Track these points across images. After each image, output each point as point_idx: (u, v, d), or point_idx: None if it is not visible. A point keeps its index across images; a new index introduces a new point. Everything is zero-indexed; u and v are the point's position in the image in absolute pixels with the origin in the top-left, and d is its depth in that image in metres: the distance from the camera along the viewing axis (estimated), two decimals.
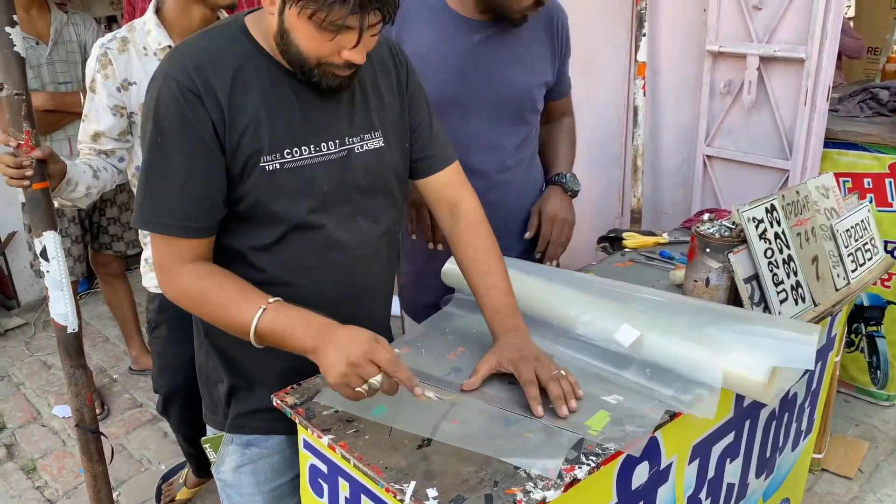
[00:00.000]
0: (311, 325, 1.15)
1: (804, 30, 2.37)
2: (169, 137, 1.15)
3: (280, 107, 1.21)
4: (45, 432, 2.98)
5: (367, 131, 1.31)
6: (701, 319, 1.35)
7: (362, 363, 1.10)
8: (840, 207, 1.75)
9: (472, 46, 1.72)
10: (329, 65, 1.16)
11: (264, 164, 1.19)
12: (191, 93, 1.14)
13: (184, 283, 1.21)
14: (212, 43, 1.20)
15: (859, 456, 2.64)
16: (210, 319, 1.23)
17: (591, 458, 1.10)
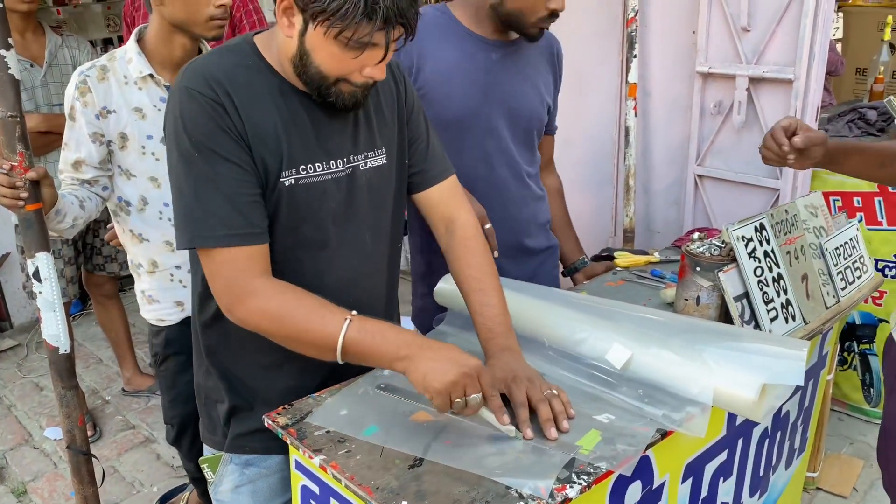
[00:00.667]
0: (403, 334, 1.18)
1: (792, 51, 2.40)
2: (205, 149, 1.15)
3: (293, 123, 1.22)
4: (37, 454, 2.96)
5: (370, 149, 1.33)
6: (692, 337, 1.36)
7: (473, 377, 1.13)
8: (829, 226, 1.76)
9: (491, 65, 1.78)
10: (348, 82, 1.19)
11: (284, 179, 1.21)
12: (216, 103, 1.16)
13: (261, 300, 1.17)
14: (224, 59, 1.21)
15: (854, 474, 2.64)
16: (289, 336, 1.19)
17: (583, 477, 1.10)
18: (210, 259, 1.18)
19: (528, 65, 1.84)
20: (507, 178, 1.86)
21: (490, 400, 1.17)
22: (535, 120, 1.89)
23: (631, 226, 2.96)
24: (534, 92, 1.86)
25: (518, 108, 1.83)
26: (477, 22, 1.76)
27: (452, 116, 1.77)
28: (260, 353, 1.33)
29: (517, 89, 1.82)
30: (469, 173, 1.80)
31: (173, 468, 2.83)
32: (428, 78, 1.74)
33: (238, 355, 1.36)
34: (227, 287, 1.18)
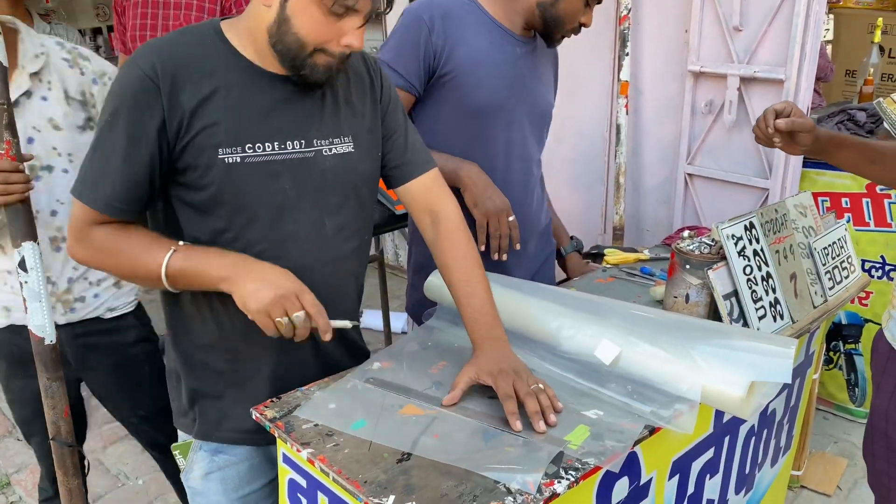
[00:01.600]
0: (227, 256, 1.21)
1: (783, 51, 2.41)
2: (118, 120, 1.18)
3: (244, 103, 1.22)
4: (20, 447, 2.93)
5: (336, 135, 1.32)
6: (680, 334, 1.36)
7: (291, 298, 1.17)
8: (818, 226, 1.77)
9: (516, 58, 1.79)
10: (325, 52, 1.19)
11: (223, 157, 1.21)
12: (150, 82, 1.17)
13: (97, 240, 1.23)
14: (183, 38, 1.23)
15: (838, 473, 2.66)
16: (122, 271, 1.27)
17: (571, 472, 1.10)
18: (76, 207, 1.23)
19: (541, 64, 1.88)
20: (521, 172, 1.88)
21: (315, 318, 1.19)
22: (548, 117, 1.93)
23: (621, 223, 2.96)
24: (547, 91, 1.91)
25: (537, 103, 1.86)
26: (505, 15, 1.76)
27: (479, 104, 1.76)
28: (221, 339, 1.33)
29: (536, 86, 1.85)
30: (487, 163, 1.81)
31: None
32: (459, 63, 1.73)
33: (200, 339, 1.36)
34: (73, 231, 1.24)
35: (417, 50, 1.71)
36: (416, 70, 1.74)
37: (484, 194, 1.74)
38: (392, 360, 1.42)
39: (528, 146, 1.88)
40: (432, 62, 1.74)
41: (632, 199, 3.04)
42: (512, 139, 1.84)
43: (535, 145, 1.91)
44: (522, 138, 1.85)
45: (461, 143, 1.80)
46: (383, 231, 2.77)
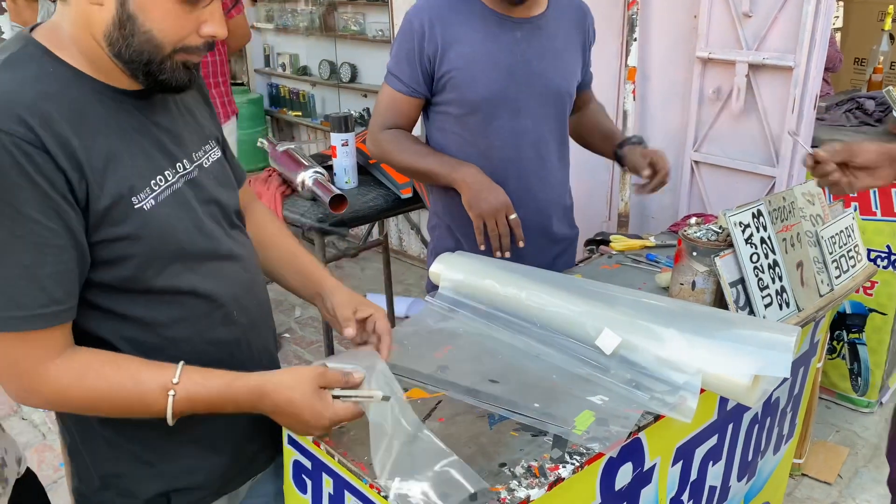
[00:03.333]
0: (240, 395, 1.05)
1: (793, 38, 2.39)
2: (5, 206, 0.90)
3: (129, 134, 1.03)
4: (25, 426, 2.95)
5: (205, 142, 1.19)
6: (684, 323, 1.36)
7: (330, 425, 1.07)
8: (825, 214, 1.76)
9: (515, 43, 1.76)
10: (185, 49, 1.00)
11: (140, 205, 1.01)
12: (30, 145, 0.90)
13: (59, 390, 0.98)
14: (22, 74, 0.95)
15: (839, 462, 2.67)
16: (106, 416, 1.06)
17: (576, 457, 1.10)
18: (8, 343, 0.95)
19: (554, 38, 1.82)
20: (533, 160, 1.86)
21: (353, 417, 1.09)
22: (565, 95, 1.88)
23: (626, 210, 2.96)
24: (562, 67, 1.85)
25: (546, 85, 1.81)
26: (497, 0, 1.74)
27: (478, 99, 1.77)
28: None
29: (545, 66, 1.80)
30: (495, 155, 1.82)
31: None
32: (453, 63, 1.74)
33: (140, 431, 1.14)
34: (17, 375, 0.97)
35: (412, 56, 1.76)
36: (416, 76, 1.78)
37: (478, 196, 1.73)
38: (397, 344, 1.42)
39: (540, 131, 1.85)
40: (428, 67, 1.77)
41: None
42: (520, 127, 1.82)
43: (551, 128, 1.88)
44: (533, 124, 1.83)
45: (470, 138, 1.82)
46: (388, 215, 2.77)
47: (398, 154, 1.84)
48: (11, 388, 1.00)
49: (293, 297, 1.47)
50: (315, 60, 5.18)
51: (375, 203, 2.66)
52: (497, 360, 1.36)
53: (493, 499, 1.01)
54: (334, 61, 4.97)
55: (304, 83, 5.35)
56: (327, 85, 5.08)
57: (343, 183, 2.67)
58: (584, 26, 1.90)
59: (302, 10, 5.14)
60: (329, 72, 5.02)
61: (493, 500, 1.01)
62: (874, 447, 2.78)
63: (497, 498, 1.01)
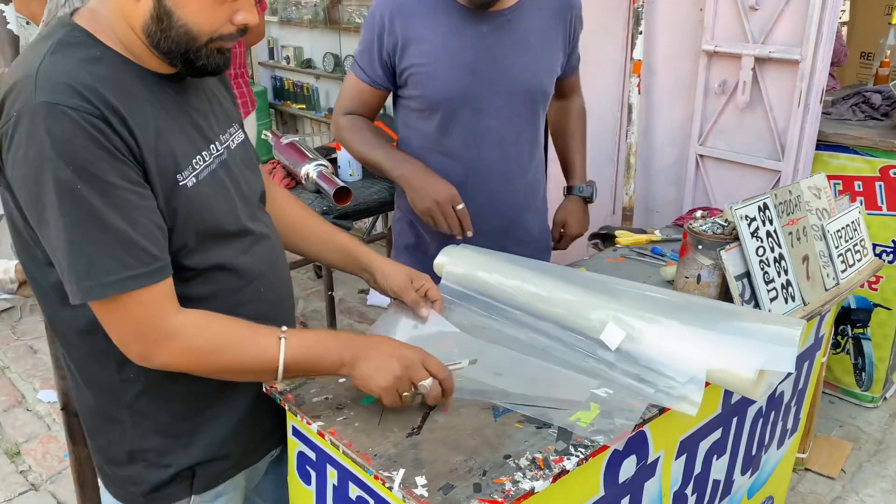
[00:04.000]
0: (341, 338, 1.14)
1: (800, 32, 2.38)
2: (89, 176, 0.95)
3: (172, 115, 1.08)
4: (30, 416, 2.96)
5: (230, 126, 1.23)
6: (688, 315, 1.35)
7: (417, 367, 1.12)
8: (832, 208, 1.76)
9: (480, 39, 1.68)
10: (220, 38, 1.05)
11: (183, 182, 1.06)
12: (96, 117, 0.95)
13: (185, 339, 1.04)
14: (76, 55, 1.00)
15: (843, 456, 2.67)
16: (223, 369, 1.09)
17: (580, 450, 1.10)
18: (113, 308, 1.00)
19: (529, 31, 1.72)
20: (497, 161, 1.79)
21: (444, 382, 1.14)
22: (538, 92, 1.79)
23: (630, 204, 2.95)
24: (536, 61, 1.75)
25: (516, 82, 1.73)
26: None
27: (439, 98, 1.71)
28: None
29: (514, 63, 1.71)
30: (457, 154, 1.76)
31: None
32: (413, 59, 1.69)
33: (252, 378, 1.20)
34: (142, 334, 1.02)
35: (373, 49, 1.73)
36: (376, 69, 1.75)
37: (420, 192, 1.69)
38: (402, 337, 1.42)
39: (506, 131, 1.77)
40: (389, 60, 1.73)
41: (642, 179, 3.03)
42: (483, 126, 1.75)
43: (520, 128, 1.79)
44: (499, 123, 1.75)
45: (431, 135, 1.77)
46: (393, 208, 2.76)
47: (352, 142, 1.82)
48: (136, 350, 1.04)
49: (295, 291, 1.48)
50: (319, 53, 5.17)
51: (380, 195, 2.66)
52: (501, 352, 1.36)
53: (498, 490, 1.01)
54: (338, 54, 4.97)
55: (309, 76, 5.34)
56: (331, 78, 5.08)
57: (347, 175, 2.67)
58: (568, 16, 1.79)
59: (306, 3, 5.13)
60: (333, 65, 5.01)
61: (498, 491, 1.01)
62: (878, 442, 2.78)
63: (501, 490, 1.01)
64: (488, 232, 1.76)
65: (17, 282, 1.60)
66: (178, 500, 1.22)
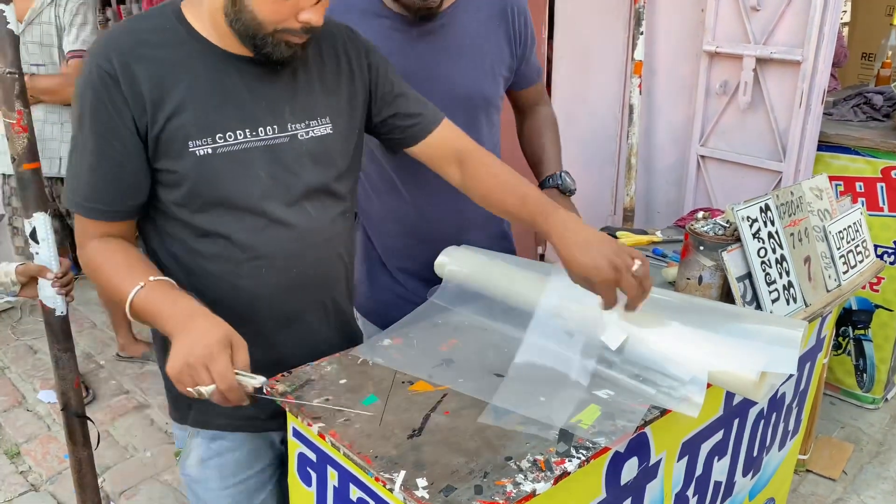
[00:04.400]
0: (176, 306, 1.11)
1: (801, 32, 2.38)
2: (84, 120, 1.15)
3: (211, 90, 1.18)
4: (30, 417, 2.96)
5: (312, 118, 1.28)
6: (689, 316, 1.35)
7: (198, 367, 1.04)
8: (833, 209, 1.75)
9: (410, 45, 1.60)
10: (285, 31, 1.14)
11: (194, 150, 1.17)
12: (108, 76, 1.13)
13: (87, 255, 1.22)
14: (140, 25, 1.18)
15: (844, 458, 2.66)
16: (104, 291, 1.29)
17: (582, 451, 1.10)
18: (75, 217, 1.23)
19: (464, 35, 1.63)
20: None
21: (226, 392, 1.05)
22: (478, 98, 1.68)
23: (631, 205, 2.95)
24: (473, 66, 1.65)
25: (451, 89, 1.62)
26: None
27: None
28: None
29: (451, 67, 1.63)
30: (395, 167, 1.68)
31: (166, 433, 2.84)
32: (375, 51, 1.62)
33: None
34: (77, 241, 1.24)
35: None
36: None
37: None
38: (402, 337, 1.42)
39: None
40: None
41: (643, 180, 3.02)
42: None
43: None
44: None
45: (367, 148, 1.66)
46: None
47: None
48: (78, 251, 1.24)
49: None
50: None
51: None
52: (502, 353, 1.36)
53: (499, 492, 1.01)
54: None
55: None
56: None
57: None
58: (508, 16, 1.68)
59: None
60: None
61: (499, 493, 1.01)
62: (879, 443, 2.77)
63: (503, 492, 1.01)
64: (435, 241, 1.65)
65: (19, 283, 1.60)
66: (184, 422, 1.38)
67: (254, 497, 1.42)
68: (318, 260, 1.33)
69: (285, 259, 1.28)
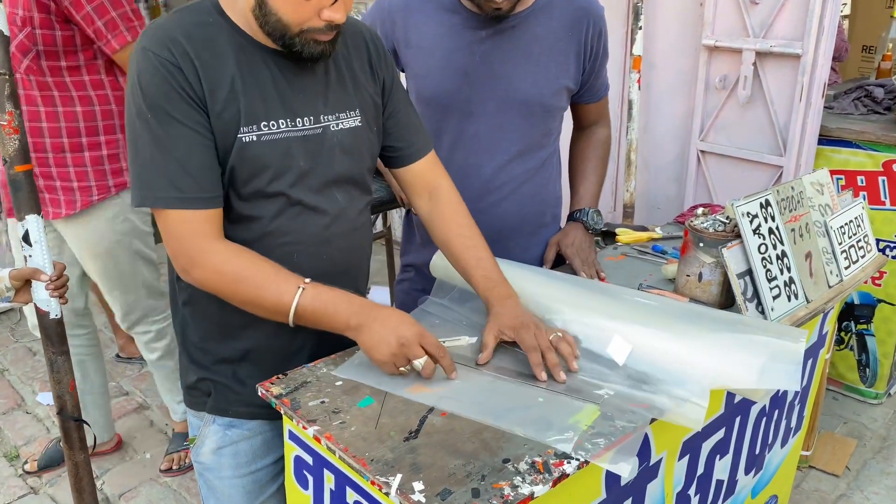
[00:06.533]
0: (353, 303, 1.22)
1: (801, 25, 2.36)
2: (160, 110, 1.15)
3: (255, 80, 1.21)
4: (29, 419, 2.95)
5: (342, 110, 1.32)
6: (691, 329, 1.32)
7: (412, 345, 1.19)
8: (834, 204, 1.74)
9: (477, 43, 1.64)
10: (311, 30, 1.17)
11: (241, 136, 1.20)
12: (172, 65, 1.15)
13: (217, 262, 1.19)
14: (185, 18, 1.20)
15: (847, 453, 2.65)
16: (242, 299, 1.22)
17: (581, 452, 1.08)
18: (164, 220, 1.20)
19: (532, 41, 1.65)
20: (485, 166, 1.72)
21: (441, 359, 1.23)
22: (536, 105, 1.69)
23: (631, 201, 2.93)
24: (536, 72, 1.66)
25: (509, 91, 1.66)
26: None
27: (429, 95, 1.70)
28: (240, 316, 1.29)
29: (510, 70, 1.65)
30: (443, 156, 1.68)
31: (166, 434, 2.83)
32: (412, 54, 1.68)
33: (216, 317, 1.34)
34: (182, 248, 1.20)
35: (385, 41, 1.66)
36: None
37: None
38: None
39: (497, 139, 1.70)
40: (395, 54, 1.72)
41: (643, 176, 3.01)
42: (471, 131, 1.69)
43: (511, 138, 1.71)
44: (489, 130, 1.69)
45: None
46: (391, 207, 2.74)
47: None
48: (179, 263, 1.22)
49: None
50: None
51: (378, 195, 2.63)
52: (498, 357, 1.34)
53: (497, 495, 0.99)
54: None
55: None
56: None
57: None
58: (583, 30, 1.68)
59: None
60: None
61: (497, 496, 0.99)
62: (882, 439, 2.76)
63: (500, 495, 0.99)
64: None
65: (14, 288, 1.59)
66: (200, 409, 1.41)
67: (265, 488, 1.43)
68: (346, 248, 1.38)
69: (317, 245, 1.32)
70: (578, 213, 1.83)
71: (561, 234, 1.83)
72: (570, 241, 1.78)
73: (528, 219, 1.82)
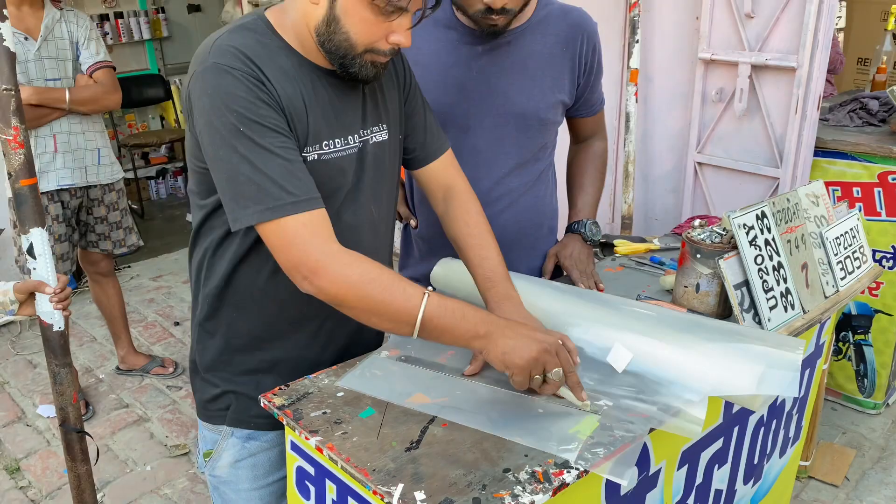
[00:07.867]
0: (478, 311, 1.20)
1: (796, 39, 2.39)
2: (250, 122, 1.12)
3: (317, 99, 1.22)
4: (30, 432, 2.95)
5: (376, 124, 1.34)
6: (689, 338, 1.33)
7: (552, 355, 1.17)
8: (830, 215, 1.75)
9: (474, 58, 1.65)
10: (374, 52, 1.18)
11: (306, 154, 1.21)
12: (253, 77, 1.13)
13: (341, 267, 1.13)
14: (245, 38, 1.18)
15: (846, 464, 2.65)
16: (368, 305, 1.15)
17: (580, 462, 1.09)
18: (280, 230, 1.13)
19: (528, 56, 1.66)
20: (483, 180, 1.71)
21: (569, 376, 1.20)
22: (532, 118, 1.70)
23: (629, 213, 2.95)
24: (531, 86, 1.68)
25: (507, 105, 1.67)
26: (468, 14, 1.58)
27: None
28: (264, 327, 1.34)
29: (510, 87, 1.66)
30: None
31: (166, 447, 2.83)
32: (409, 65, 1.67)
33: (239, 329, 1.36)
34: (304, 255, 1.13)
35: None
36: None
37: None
38: (399, 349, 1.42)
39: (494, 153, 1.71)
40: None
41: (640, 187, 3.03)
42: (468, 146, 1.69)
43: (508, 152, 1.72)
44: (486, 144, 1.70)
45: None
46: None
47: None
48: (302, 270, 1.14)
49: None
50: None
51: None
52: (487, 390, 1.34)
53: None
54: None
55: None
56: None
57: None
58: (577, 44, 1.69)
59: None
60: None
61: None
62: (881, 449, 2.77)
63: None
64: None
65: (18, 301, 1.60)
66: (218, 423, 1.40)
67: (281, 499, 1.43)
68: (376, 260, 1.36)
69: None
70: (576, 224, 1.85)
71: (559, 245, 1.84)
72: (569, 252, 1.80)
73: (525, 231, 1.83)
